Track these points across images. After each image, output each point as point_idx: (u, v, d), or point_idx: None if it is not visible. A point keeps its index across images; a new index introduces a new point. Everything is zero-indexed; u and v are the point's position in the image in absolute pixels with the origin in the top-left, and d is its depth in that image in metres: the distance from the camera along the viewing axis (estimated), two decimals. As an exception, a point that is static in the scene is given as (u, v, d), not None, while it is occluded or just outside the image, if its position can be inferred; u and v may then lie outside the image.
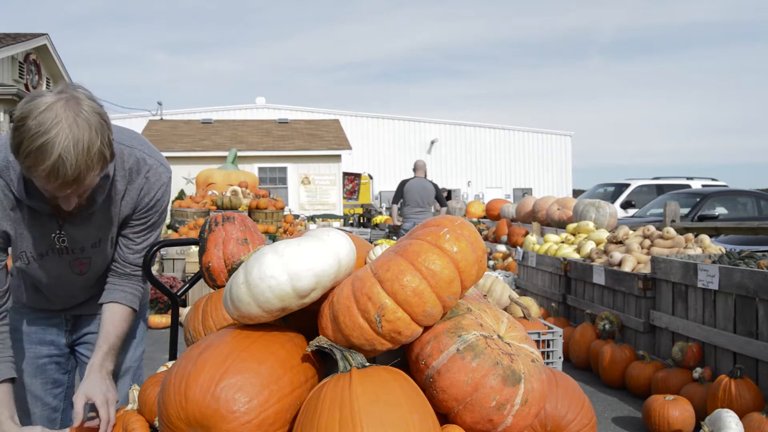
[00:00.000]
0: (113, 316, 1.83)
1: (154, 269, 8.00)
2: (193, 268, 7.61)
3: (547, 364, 2.73)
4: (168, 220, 11.37)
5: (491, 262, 8.19)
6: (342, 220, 18.29)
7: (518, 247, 7.31)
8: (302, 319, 1.36)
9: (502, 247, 8.72)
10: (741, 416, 3.12)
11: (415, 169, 8.63)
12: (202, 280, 1.93)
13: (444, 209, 8.72)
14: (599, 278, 5.20)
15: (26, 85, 15.06)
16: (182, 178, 19.71)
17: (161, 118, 25.92)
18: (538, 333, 2.73)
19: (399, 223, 8.53)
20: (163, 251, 8.00)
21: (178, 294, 2.27)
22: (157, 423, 1.37)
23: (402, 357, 1.27)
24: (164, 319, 6.62)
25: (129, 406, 1.61)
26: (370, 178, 29.25)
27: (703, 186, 13.18)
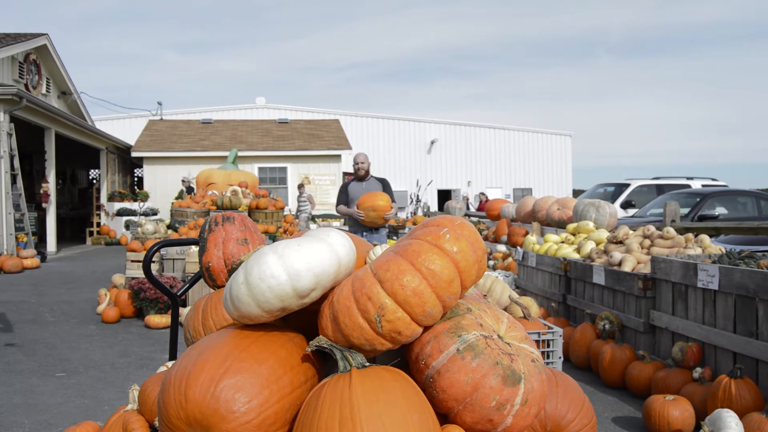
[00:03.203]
0: None
1: (154, 269, 8.00)
2: (193, 268, 7.61)
3: (547, 364, 2.73)
4: (168, 220, 11.37)
5: (491, 262, 8.19)
6: (342, 220, 18.30)
7: (518, 247, 7.31)
8: (302, 319, 1.36)
9: (502, 247, 8.72)
10: (741, 416, 3.12)
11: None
12: (202, 280, 1.93)
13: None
14: (599, 278, 5.20)
15: (26, 85, 15.06)
16: (182, 178, 19.72)
17: (161, 118, 25.92)
18: (538, 333, 2.73)
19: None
20: (163, 251, 8.00)
21: (178, 294, 2.27)
22: (157, 423, 1.37)
23: (402, 357, 1.27)
24: (164, 319, 6.62)
25: (129, 406, 1.61)
26: (370, 178, 29.21)
27: (703, 186, 13.18)
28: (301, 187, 17.79)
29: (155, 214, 17.92)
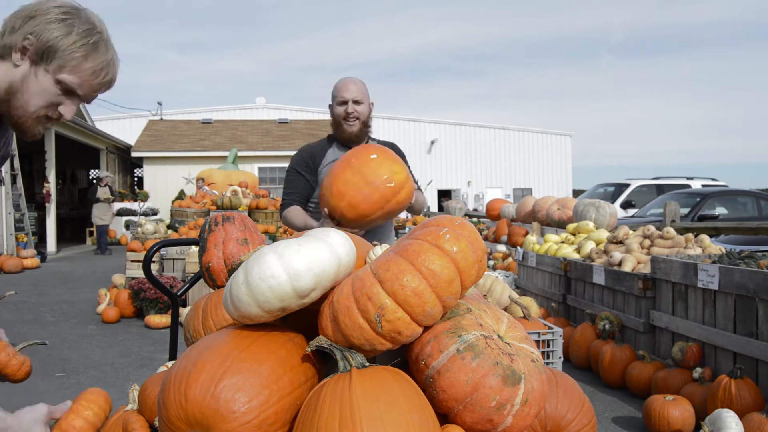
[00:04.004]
0: None
1: (154, 269, 7.99)
2: (193, 268, 7.62)
3: (547, 364, 2.73)
4: (168, 220, 11.37)
5: (491, 262, 8.19)
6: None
7: (518, 247, 7.31)
8: (302, 319, 1.36)
9: (502, 247, 8.72)
10: (741, 416, 3.12)
11: None
12: (202, 280, 1.93)
13: None
14: (599, 278, 5.20)
15: (26, 85, 15.03)
16: (182, 178, 19.70)
17: (161, 118, 25.92)
18: (538, 333, 2.73)
19: None
20: (163, 251, 8.00)
21: (178, 294, 2.27)
22: (157, 423, 1.37)
23: (402, 357, 1.27)
24: (164, 319, 6.62)
25: (129, 406, 1.61)
26: (370, 178, 29.18)
27: (703, 186, 13.18)
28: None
29: (155, 214, 17.92)
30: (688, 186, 13.06)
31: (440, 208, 27.13)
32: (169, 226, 10.43)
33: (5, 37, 1.44)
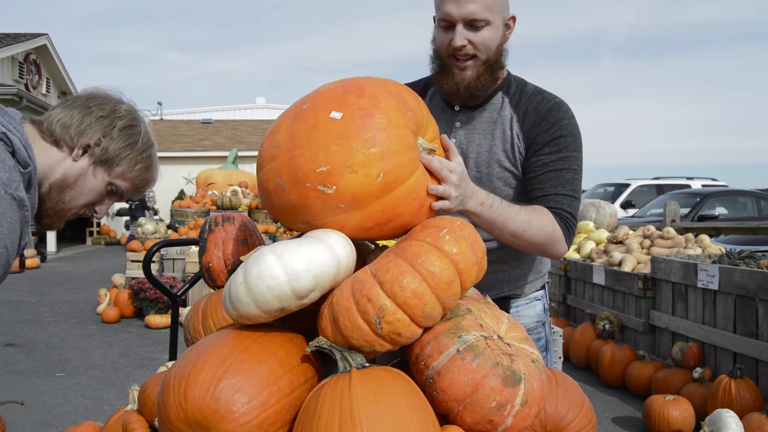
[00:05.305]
0: None
1: (154, 269, 8.00)
2: (193, 268, 7.62)
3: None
4: (168, 220, 11.38)
5: (491, 262, 8.16)
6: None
7: (518, 247, 7.30)
8: (302, 319, 1.36)
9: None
10: (741, 416, 3.12)
11: None
12: (202, 280, 1.93)
13: None
14: (599, 278, 5.20)
15: (26, 85, 15.06)
16: (182, 178, 19.70)
17: (161, 118, 25.91)
18: (538, 333, 2.73)
19: None
20: (163, 251, 8.00)
21: (178, 294, 2.28)
22: (157, 423, 1.37)
23: (402, 357, 1.27)
24: (164, 319, 6.62)
25: (129, 406, 1.61)
26: (370, 178, 29.16)
27: (703, 186, 13.18)
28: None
29: (155, 214, 17.91)
30: (688, 186, 13.06)
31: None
32: (169, 226, 10.44)
33: (69, 129, 1.38)
